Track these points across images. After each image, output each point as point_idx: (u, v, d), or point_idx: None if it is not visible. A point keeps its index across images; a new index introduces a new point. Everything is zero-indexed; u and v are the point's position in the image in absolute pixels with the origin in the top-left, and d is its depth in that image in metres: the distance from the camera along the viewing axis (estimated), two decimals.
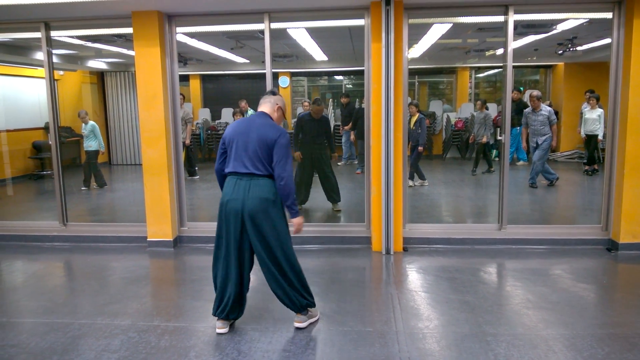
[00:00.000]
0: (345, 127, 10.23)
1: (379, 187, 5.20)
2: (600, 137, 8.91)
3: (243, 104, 9.90)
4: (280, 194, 3.40)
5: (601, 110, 8.81)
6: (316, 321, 3.65)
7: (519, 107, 8.93)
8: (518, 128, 9.31)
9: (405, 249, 5.31)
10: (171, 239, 5.56)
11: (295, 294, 3.47)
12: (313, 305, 3.62)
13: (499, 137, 5.59)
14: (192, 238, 5.70)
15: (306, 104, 9.51)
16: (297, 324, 3.55)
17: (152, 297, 4.31)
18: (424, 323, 3.65)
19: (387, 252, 5.20)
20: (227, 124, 12.32)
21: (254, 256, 3.50)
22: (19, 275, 4.95)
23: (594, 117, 8.83)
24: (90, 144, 8.71)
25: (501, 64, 12.40)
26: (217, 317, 3.53)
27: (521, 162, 10.19)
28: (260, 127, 3.37)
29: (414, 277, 4.69)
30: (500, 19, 5.35)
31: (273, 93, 3.62)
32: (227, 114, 13.02)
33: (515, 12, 5.14)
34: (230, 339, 3.44)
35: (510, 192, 5.62)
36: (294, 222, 3.56)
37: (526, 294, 4.16)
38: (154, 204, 5.53)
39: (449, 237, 5.43)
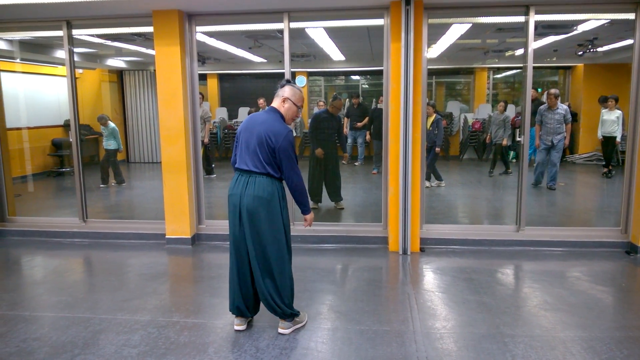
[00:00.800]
0: (358, 124, 10.18)
1: (396, 187, 5.19)
2: (618, 139, 8.81)
3: (261, 101, 9.94)
4: (292, 194, 3.42)
5: (620, 112, 8.71)
6: (303, 326, 3.59)
7: (536, 107, 8.84)
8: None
9: (422, 250, 5.30)
10: (189, 237, 5.61)
11: (279, 301, 3.40)
12: (297, 314, 3.57)
13: (518, 139, 5.54)
14: (210, 236, 5.75)
15: (321, 103, 9.54)
16: (281, 331, 3.48)
17: (171, 293, 4.35)
18: (441, 323, 3.64)
19: (404, 252, 5.20)
20: None
21: None
22: (40, 271, 5.04)
23: (612, 119, 8.74)
24: (109, 143, 8.86)
25: (520, 65, 12.40)
26: (234, 314, 3.56)
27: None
28: (263, 125, 3.29)
29: (431, 277, 4.68)
30: (520, 19, 5.31)
31: (282, 85, 3.46)
32: (243, 113, 13.10)
33: (537, 13, 5.10)
34: (248, 335, 3.47)
35: (528, 193, 5.57)
36: (307, 218, 3.57)
37: (544, 295, 4.13)
38: (173, 201, 5.58)
39: (466, 238, 5.41)
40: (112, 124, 8.92)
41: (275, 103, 3.43)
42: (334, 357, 3.16)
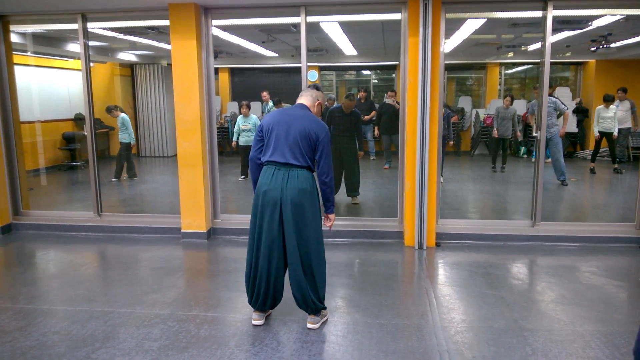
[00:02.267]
0: (365, 118, 10.12)
1: (412, 181, 5.19)
2: (615, 134, 8.79)
3: (264, 93, 9.91)
4: (323, 188, 3.43)
5: (615, 108, 8.69)
6: (326, 320, 3.61)
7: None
8: None
9: (437, 244, 5.30)
10: (205, 231, 5.63)
11: (314, 297, 3.41)
12: (325, 308, 3.59)
13: (534, 134, 5.51)
14: (226, 230, 5.76)
15: (331, 101, 9.47)
16: (310, 326, 3.48)
17: (189, 287, 4.37)
18: (460, 317, 3.65)
19: (420, 247, 5.19)
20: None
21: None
22: (56, 264, 5.07)
23: (610, 115, 8.70)
24: (124, 136, 8.86)
25: (532, 60, 12.34)
26: (253, 308, 3.56)
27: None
28: (303, 119, 3.36)
29: (448, 271, 4.69)
30: (537, 14, 5.28)
31: (317, 88, 3.62)
32: (255, 107, 13.07)
33: (555, 8, 5.06)
34: (268, 329, 3.48)
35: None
36: (330, 217, 3.58)
37: (561, 290, 4.13)
38: (189, 195, 5.60)
39: (482, 233, 5.40)
40: (122, 115, 8.87)
41: (307, 101, 3.53)
42: (355, 351, 3.17)
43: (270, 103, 9.96)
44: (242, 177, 8.92)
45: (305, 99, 3.53)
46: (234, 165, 9.82)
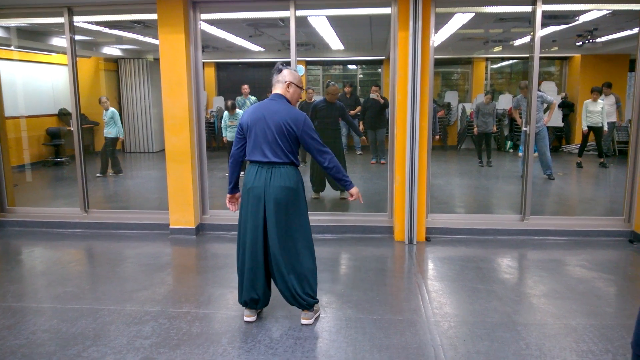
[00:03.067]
0: (351, 112, 10.09)
1: (402, 176, 5.19)
2: (605, 129, 8.88)
3: (245, 87, 9.84)
4: (329, 174, 3.38)
5: (603, 102, 8.77)
6: (319, 315, 3.59)
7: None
8: None
9: (427, 239, 5.31)
10: (194, 227, 5.58)
11: (301, 293, 3.37)
12: (317, 302, 3.56)
13: (523, 128, 5.55)
14: (214, 226, 5.71)
15: (311, 91, 9.38)
16: (304, 321, 3.46)
17: (179, 284, 4.32)
18: (453, 312, 3.66)
19: (410, 241, 5.20)
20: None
21: None
22: (43, 262, 4.97)
23: (597, 110, 8.77)
24: (110, 131, 8.75)
25: (520, 55, 12.41)
26: (245, 307, 3.53)
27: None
28: (278, 114, 3.25)
29: (439, 266, 4.70)
30: (524, 8, 5.30)
31: (279, 70, 3.39)
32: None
33: (544, 2, 5.08)
34: (261, 325, 3.46)
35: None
36: (352, 193, 3.48)
37: (552, 284, 4.16)
38: (177, 191, 5.53)
39: (471, 227, 5.43)
40: (112, 109, 8.78)
41: (279, 89, 3.38)
42: (349, 347, 3.16)
43: (252, 98, 9.90)
44: None
45: (276, 87, 3.38)
46: (220, 160, 9.75)
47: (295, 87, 3.39)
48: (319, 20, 7.48)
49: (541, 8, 5.10)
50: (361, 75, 14.87)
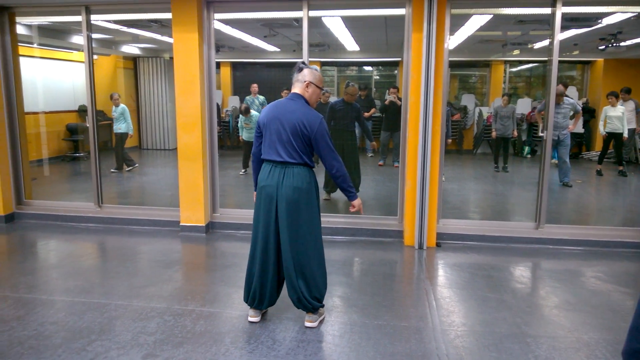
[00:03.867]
0: (366, 114, 10.02)
1: (414, 180, 5.12)
2: (625, 135, 8.65)
3: (254, 86, 9.84)
4: (335, 181, 3.35)
5: (622, 107, 8.54)
6: (324, 319, 3.55)
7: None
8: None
9: (438, 245, 5.23)
10: (204, 225, 5.59)
11: (308, 297, 3.33)
12: (323, 306, 3.52)
13: (541, 134, 5.43)
14: (224, 224, 5.71)
15: (327, 94, 9.35)
16: (308, 324, 3.42)
17: (186, 281, 4.33)
18: (461, 320, 3.59)
19: (420, 247, 5.13)
20: None
21: None
22: (56, 255, 5.05)
23: (617, 115, 8.56)
24: (119, 127, 8.84)
25: (539, 59, 12.21)
26: (250, 306, 3.51)
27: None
28: (295, 113, 3.21)
29: (449, 273, 4.62)
30: (545, 11, 5.19)
31: (300, 69, 3.34)
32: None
33: (564, 5, 4.97)
34: (264, 327, 3.44)
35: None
36: (354, 204, 3.46)
37: (565, 295, 4.05)
38: (188, 189, 5.55)
39: (484, 234, 5.33)
40: (122, 105, 8.88)
41: (298, 89, 3.34)
42: (352, 352, 3.12)
43: (261, 97, 9.91)
44: (243, 170, 8.89)
45: (295, 86, 3.35)
46: (234, 159, 9.79)
47: (314, 87, 3.34)
48: (334, 21, 7.44)
49: (561, 10, 4.99)
50: (377, 77, 14.79)
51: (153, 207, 6.18)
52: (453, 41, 9.27)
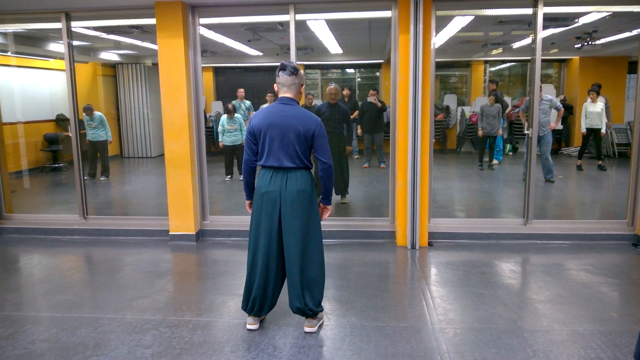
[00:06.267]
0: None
1: (404, 180, 5.14)
2: (603, 131, 8.83)
3: (240, 91, 9.78)
4: (323, 181, 3.34)
5: (602, 104, 8.71)
6: (322, 323, 3.53)
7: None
8: None
9: (430, 244, 5.26)
10: (194, 233, 5.52)
11: (311, 305, 3.32)
12: (322, 310, 3.50)
13: (526, 131, 5.51)
14: (214, 232, 5.65)
15: (310, 96, 9.38)
16: (308, 329, 3.39)
17: (180, 291, 4.27)
18: (458, 318, 3.61)
19: (413, 246, 5.16)
20: None
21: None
22: (42, 269, 4.92)
23: (597, 111, 8.72)
24: (101, 133, 8.71)
25: (519, 58, 12.40)
26: (247, 313, 3.48)
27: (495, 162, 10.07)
28: (296, 119, 3.20)
29: (443, 271, 4.65)
30: (525, 11, 5.27)
31: (294, 70, 3.27)
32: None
33: (545, 5, 5.06)
34: (264, 334, 3.41)
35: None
36: (328, 208, 3.47)
37: (557, 289, 4.11)
38: (177, 197, 5.48)
39: (474, 232, 5.38)
40: (98, 113, 8.75)
41: (293, 92, 3.30)
42: (354, 355, 3.11)
43: (247, 102, 9.86)
44: (228, 177, 8.82)
45: (289, 89, 3.29)
46: (219, 165, 9.70)
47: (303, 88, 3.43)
48: (318, 24, 7.44)
49: (542, 10, 5.07)
50: (359, 79, 14.85)
51: (140, 217, 6.08)
52: (436, 42, 9.36)
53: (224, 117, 8.50)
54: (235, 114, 8.50)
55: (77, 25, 6.70)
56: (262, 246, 3.31)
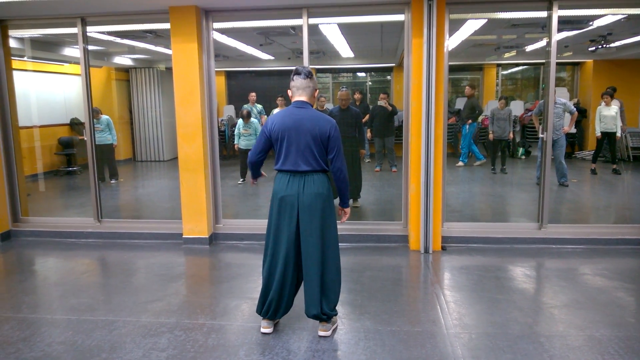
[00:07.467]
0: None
1: (418, 184, 5.13)
2: (618, 135, 8.73)
3: (252, 95, 9.81)
4: (338, 184, 3.37)
5: (616, 107, 8.62)
6: (336, 327, 3.53)
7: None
8: (467, 126, 9.73)
9: (443, 248, 5.24)
10: (207, 236, 5.55)
11: (327, 310, 3.33)
12: (336, 314, 3.50)
13: (540, 135, 5.47)
14: (228, 235, 5.67)
15: (323, 99, 9.39)
16: (322, 333, 3.39)
17: (194, 294, 4.28)
18: (473, 323, 3.59)
19: (426, 250, 5.14)
20: None
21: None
22: (57, 272, 4.97)
23: (611, 114, 8.63)
24: (107, 137, 8.77)
25: (532, 61, 12.32)
26: (261, 317, 3.48)
27: (478, 162, 10.01)
28: (312, 121, 3.23)
29: (456, 276, 4.63)
30: (539, 14, 5.24)
31: (309, 74, 3.34)
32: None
33: (560, 8, 5.03)
34: (278, 337, 3.41)
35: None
36: (346, 211, 3.52)
37: (573, 294, 4.07)
38: (190, 200, 5.51)
39: (488, 236, 5.35)
40: (105, 116, 8.79)
41: (307, 95, 3.34)
42: (369, 359, 3.10)
43: (259, 106, 9.89)
44: (242, 180, 8.85)
45: (303, 93, 3.33)
46: (232, 169, 9.75)
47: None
48: (330, 28, 7.46)
49: (557, 13, 5.04)
50: (370, 83, 14.84)
51: (154, 220, 6.12)
52: (449, 45, 9.34)
53: (240, 121, 8.59)
54: (252, 119, 8.58)
55: (92, 30, 6.79)
56: (282, 250, 3.31)
